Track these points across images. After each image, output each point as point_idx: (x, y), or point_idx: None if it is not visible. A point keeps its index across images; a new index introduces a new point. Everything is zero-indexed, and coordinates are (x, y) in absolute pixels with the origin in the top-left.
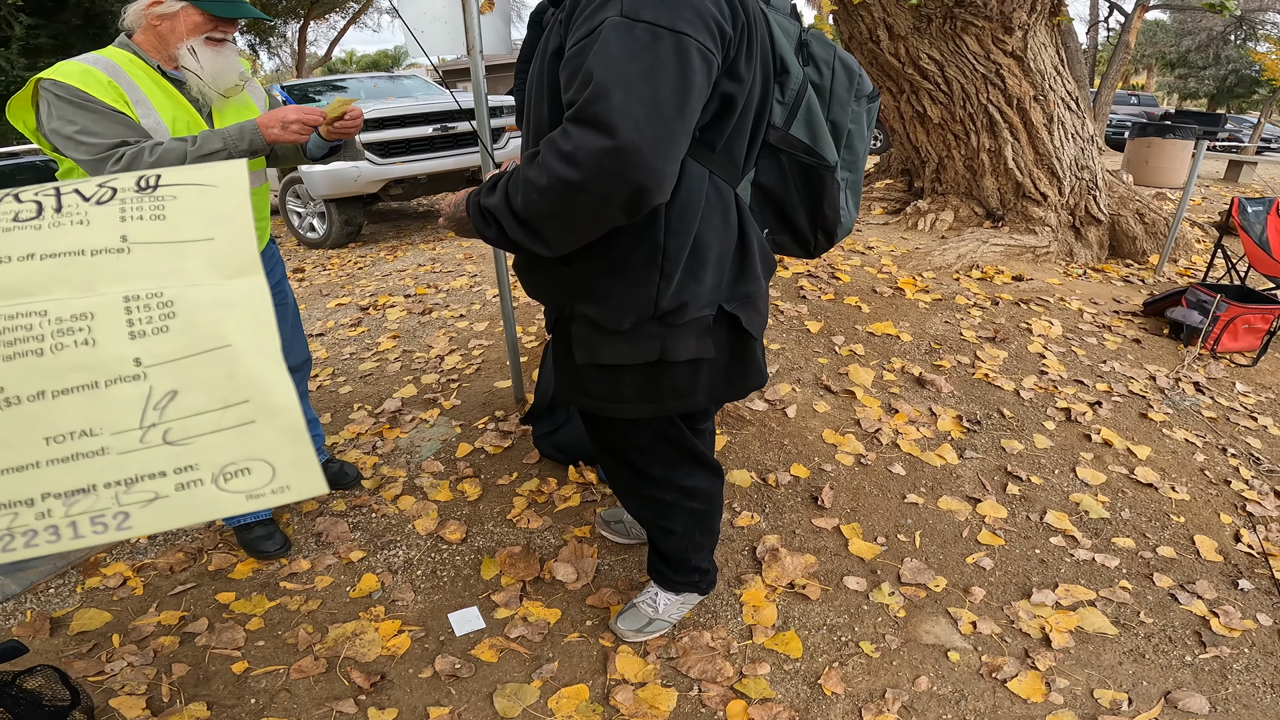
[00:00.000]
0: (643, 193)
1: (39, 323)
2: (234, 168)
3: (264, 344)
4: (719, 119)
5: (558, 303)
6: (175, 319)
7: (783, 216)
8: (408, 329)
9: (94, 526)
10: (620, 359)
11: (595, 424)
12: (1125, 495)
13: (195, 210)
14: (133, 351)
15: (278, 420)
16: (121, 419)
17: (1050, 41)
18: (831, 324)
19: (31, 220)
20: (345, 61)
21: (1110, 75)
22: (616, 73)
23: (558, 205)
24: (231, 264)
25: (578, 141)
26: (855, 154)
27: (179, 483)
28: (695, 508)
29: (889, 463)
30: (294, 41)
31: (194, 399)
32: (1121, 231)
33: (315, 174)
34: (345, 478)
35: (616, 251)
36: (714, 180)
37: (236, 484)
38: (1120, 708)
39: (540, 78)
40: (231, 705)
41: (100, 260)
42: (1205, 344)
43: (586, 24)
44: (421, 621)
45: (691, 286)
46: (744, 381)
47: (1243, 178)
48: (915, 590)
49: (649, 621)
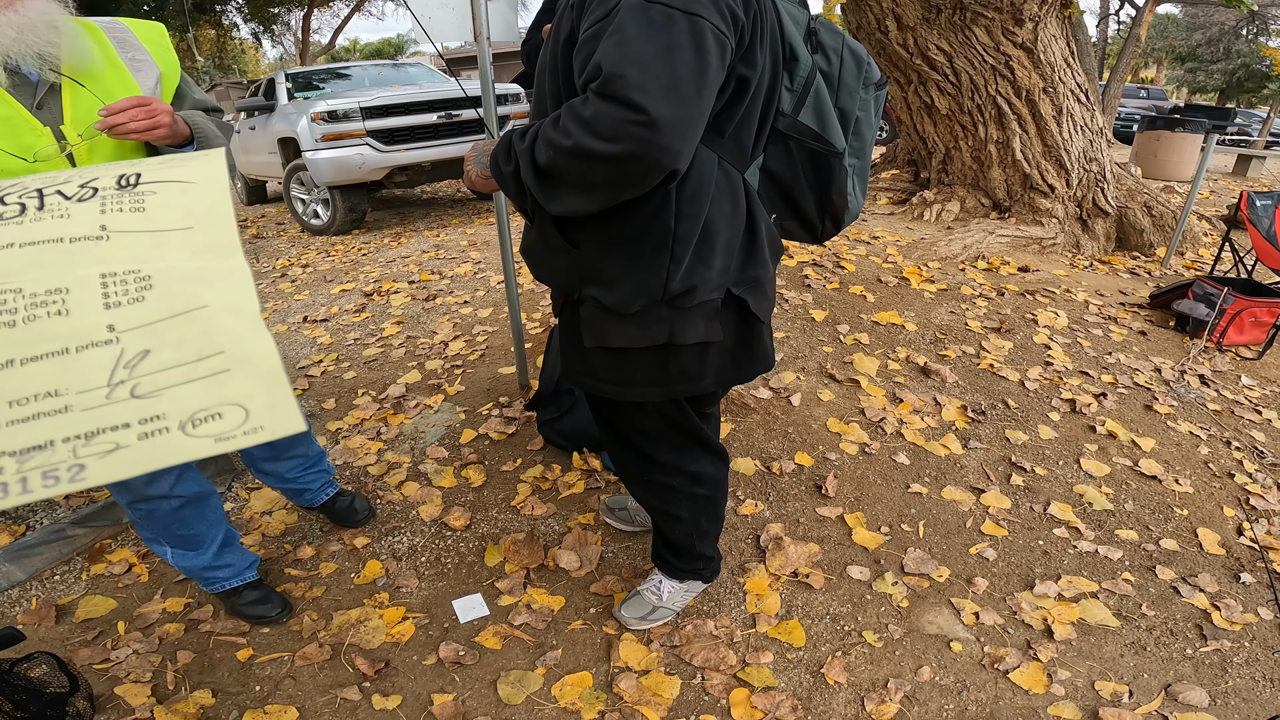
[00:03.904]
0: (656, 169)
1: (13, 298)
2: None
3: (243, 305)
4: (732, 103)
5: (566, 286)
6: (152, 290)
7: (791, 202)
8: (412, 315)
9: (45, 480)
10: (629, 342)
11: (602, 408)
12: (1129, 487)
13: (174, 205)
14: (107, 319)
15: (253, 367)
16: (89, 380)
17: (1061, 34)
18: (836, 313)
19: (14, 218)
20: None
21: (1120, 68)
22: (633, 52)
23: (574, 167)
24: (212, 249)
25: (597, 110)
26: (863, 141)
27: (142, 432)
28: (701, 493)
29: (893, 452)
30: (298, 29)
31: (166, 356)
32: (1129, 224)
33: (320, 161)
34: (355, 515)
35: (626, 235)
36: (723, 165)
37: (205, 429)
38: (1121, 700)
39: (554, 64)
40: (236, 692)
41: (79, 246)
42: (1211, 337)
43: (602, 7)
44: (426, 608)
45: (701, 270)
46: (751, 365)
47: (1251, 172)
48: (918, 580)
49: (653, 609)
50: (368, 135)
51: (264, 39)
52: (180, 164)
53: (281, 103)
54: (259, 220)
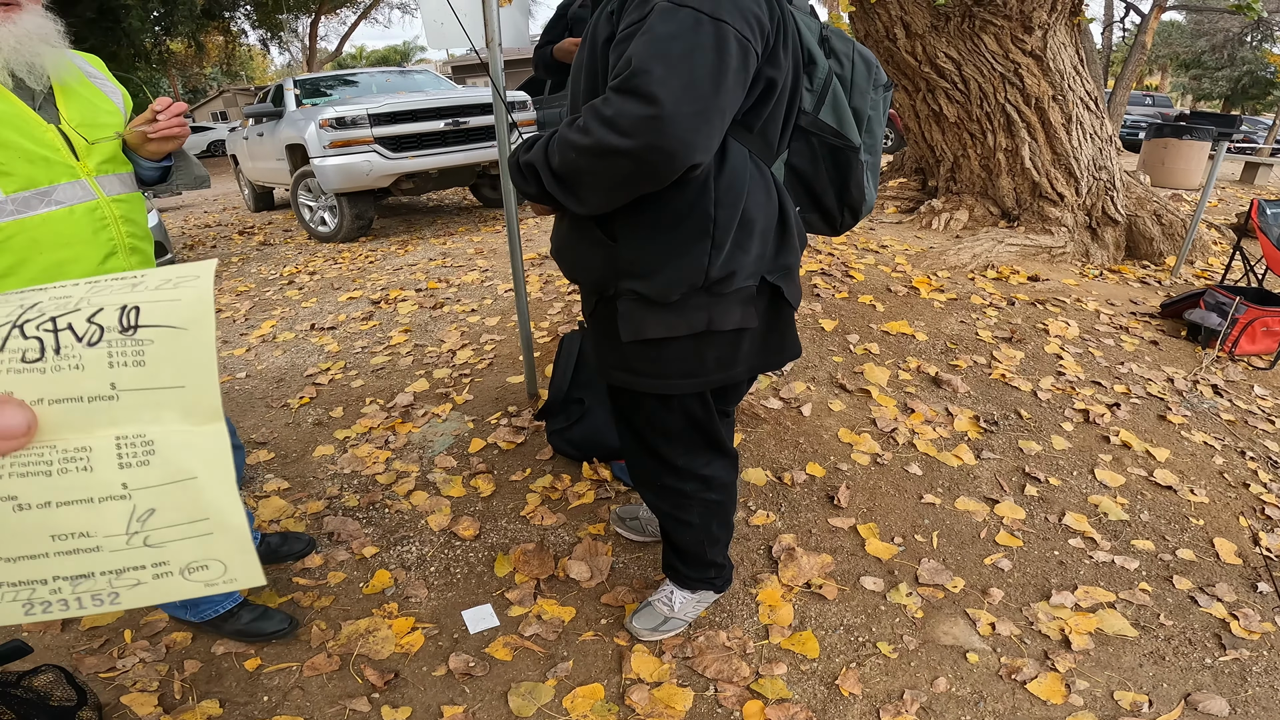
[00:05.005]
0: (673, 160)
1: (49, 452)
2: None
3: (222, 478)
4: (760, 102)
5: (601, 282)
6: (155, 455)
7: (812, 195)
8: (419, 323)
9: (94, 601)
10: (668, 331)
11: (626, 407)
12: (1144, 497)
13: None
14: (121, 478)
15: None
16: (112, 527)
17: (1070, 41)
18: (846, 322)
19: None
20: (355, 57)
21: (1125, 76)
22: (660, 50)
23: (594, 166)
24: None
25: (618, 108)
26: (874, 138)
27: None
28: (713, 498)
29: (905, 462)
30: (305, 36)
31: (167, 515)
32: (1138, 232)
33: (327, 167)
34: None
35: (666, 224)
36: (753, 158)
37: (198, 576)
38: (1141, 710)
39: (592, 64)
40: (244, 703)
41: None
42: (1223, 347)
43: (639, 10)
44: (435, 619)
45: (739, 256)
46: (781, 352)
47: (1259, 179)
48: (933, 591)
49: (664, 620)
50: (375, 142)
51: (271, 46)
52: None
53: (290, 109)
54: (266, 227)
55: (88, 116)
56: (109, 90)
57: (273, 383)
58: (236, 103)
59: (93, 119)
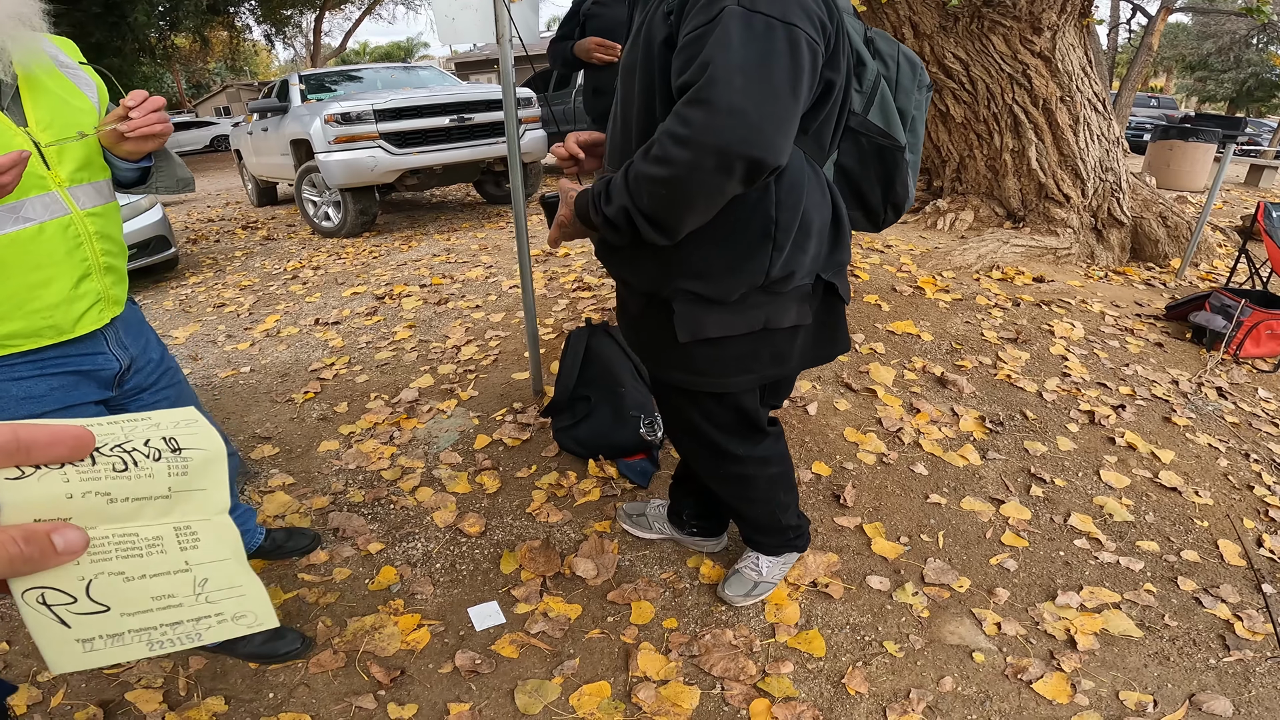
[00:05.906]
0: (759, 164)
1: (136, 539)
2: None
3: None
4: (818, 104)
5: (654, 284)
6: (200, 540)
7: (859, 194)
8: (424, 319)
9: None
10: (726, 330)
11: (679, 406)
12: (1149, 499)
13: (199, 469)
14: (184, 558)
15: (252, 593)
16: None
17: (1079, 42)
18: (851, 322)
19: (124, 473)
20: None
21: (1131, 77)
22: (737, 57)
23: (685, 190)
24: (215, 507)
25: (702, 123)
26: (916, 137)
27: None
28: (774, 472)
29: (911, 462)
30: (309, 32)
31: (215, 582)
32: (1144, 234)
33: (332, 163)
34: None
35: (727, 226)
36: (808, 160)
37: (241, 621)
38: (1145, 710)
39: (647, 64)
40: (249, 699)
41: (160, 502)
42: (1228, 349)
43: (704, 13)
44: (441, 616)
45: (798, 256)
46: (833, 345)
47: (1263, 182)
48: (939, 590)
49: (754, 585)
50: (380, 138)
51: (276, 41)
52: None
53: (294, 104)
54: (270, 222)
55: (59, 116)
56: (82, 82)
57: (277, 377)
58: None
59: (64, 118)
